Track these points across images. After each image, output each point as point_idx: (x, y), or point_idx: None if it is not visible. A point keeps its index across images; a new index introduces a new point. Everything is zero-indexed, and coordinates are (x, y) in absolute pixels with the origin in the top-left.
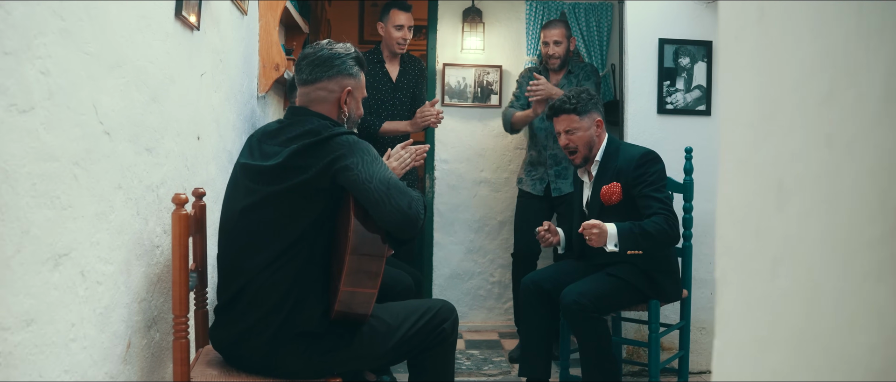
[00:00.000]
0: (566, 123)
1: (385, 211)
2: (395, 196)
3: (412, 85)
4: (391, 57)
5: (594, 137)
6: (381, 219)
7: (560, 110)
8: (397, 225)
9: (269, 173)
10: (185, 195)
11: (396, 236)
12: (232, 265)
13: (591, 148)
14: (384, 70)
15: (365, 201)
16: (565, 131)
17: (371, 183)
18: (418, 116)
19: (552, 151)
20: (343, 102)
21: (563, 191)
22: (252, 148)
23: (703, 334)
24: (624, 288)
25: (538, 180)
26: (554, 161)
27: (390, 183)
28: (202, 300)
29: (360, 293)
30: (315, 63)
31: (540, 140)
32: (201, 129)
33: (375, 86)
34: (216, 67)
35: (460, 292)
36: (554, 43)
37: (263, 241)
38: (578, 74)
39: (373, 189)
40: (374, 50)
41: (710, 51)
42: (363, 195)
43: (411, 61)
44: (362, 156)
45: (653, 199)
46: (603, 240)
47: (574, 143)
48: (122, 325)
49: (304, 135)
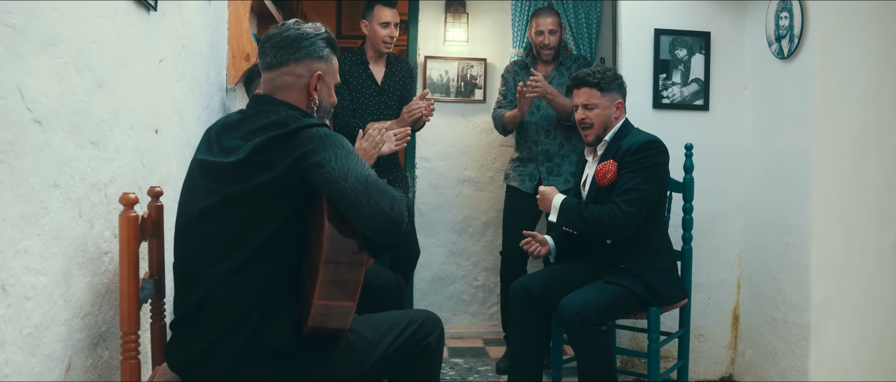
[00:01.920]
0: (586, 96)
1: (363, 213)
2: (374, 196)
3: (400, 87)
4: (376, 57)
5: (612, 118)
6: (358, 222)
7: (583, 82)
8: (377, 229)
9: (229, 171)
10: (134, 195)
11: (376, 242)
12: (189, 275)
13: (606, 128)
14: (368, 72)
15: (340, 201)
16: (583, 105)
17: (346, 181)
18: (405, 112)
19: (544, 146)
20: (313, 89)
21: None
22: (210, 142)
23: (701, 341)
24: (625, 296)
25: (528, 176)
26: (546, 157)
27: (369, 181)
28: (159, 312)
29: (336, 306)
30: (280, 45)
31: (531, 135)
32: (160, 121)
33: (359, 89)
34: (178, 53)
35: (443, 296)
36: (549, 32)
37: (225, 247)
38: (570, 66)
39: (348, 188)
40: (358, 50)
41: (708, 42)
42: (337, 195)
43: (398, 62)
44: (335, 150)
45: (626, 187)
46: (546, 205)
47: (590, 119)
48: (58, 345)
49: (269, 127)
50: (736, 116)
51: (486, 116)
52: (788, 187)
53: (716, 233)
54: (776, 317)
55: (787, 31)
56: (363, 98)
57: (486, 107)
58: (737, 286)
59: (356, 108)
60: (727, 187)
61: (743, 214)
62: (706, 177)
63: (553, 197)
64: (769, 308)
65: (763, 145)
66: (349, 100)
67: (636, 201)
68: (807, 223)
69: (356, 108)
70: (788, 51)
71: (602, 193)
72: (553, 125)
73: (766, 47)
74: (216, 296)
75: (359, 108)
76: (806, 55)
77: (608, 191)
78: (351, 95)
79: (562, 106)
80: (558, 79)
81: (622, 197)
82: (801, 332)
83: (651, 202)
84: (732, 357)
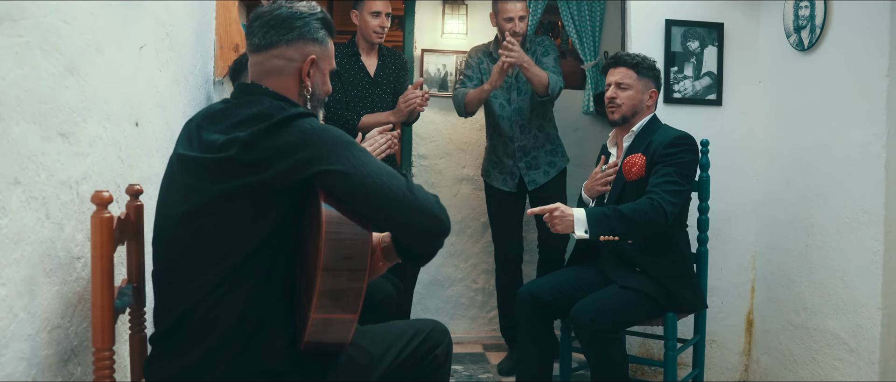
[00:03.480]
0: (621, 75)
1: (409, 216)
2: (419, 192)
3: (393, 80)
4: (368, 48)
5: (643, 105)
6: (401, 228)
7: (620, 61)
8: (426, 233)
9: (213, 169)
10: (108, 194)
11: (418, 249)
12: (171, 284)
13: (635, 113)
14: (360, 64)
15: (374, 208)
16: (616, 83)
17: (381, 178)
18: (401, 102)
19: (521, 142)
20: (305, 75)
21: (538, 182)
22: (190, 135)
23: (714, 347)
24: (642, 302)
25: (508, 175)
26: (523, 152)
27: (407, 179)
28: (139, 323)
29: (336, 319)
30: (271, 24)
31: (504, 131)
32: (141, 113)
33: (351, 81)
34: (161, 41)
35: (440, 300)
36: (519, 18)
37: (210, 254)
38: (535, 49)
39: (386, 186)
40: (349, 42)
41: (722, 34)
42: (372, 202)
43: (391, 55)
44: (348, 150)
45: (663, 179)
46: (567, 226)
47: (621, 99)
48: (21, 364)
49: (253, 119)
50: (750, 110)
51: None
52: (808, 186)
53: (729, 234)
54: (795, 323)
55: (808, 21)
56: (355, 91)
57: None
58: (751, 290)
59: (348, 101)
60: (741, 186)
61: (757, 214)
62: (719, 175)
63: (572, 214)
64: (787, 313)
65: (779, 141)
66: (341, 93)
67: (675, 194)
68: (829, 224)
69: (348, 101)
70: (809, 42)
71: (628, 188)
72: (527, 120)
73: (783, 39)
74: (202, 308)
75: (351, 101)
76: (828, 46)
77: (635, 187)
78: (343, 87)
79: (538, 77)
80: None
81: (660, 188)
82: (824, 338)
83: (686, 199)
84: (746, 364)
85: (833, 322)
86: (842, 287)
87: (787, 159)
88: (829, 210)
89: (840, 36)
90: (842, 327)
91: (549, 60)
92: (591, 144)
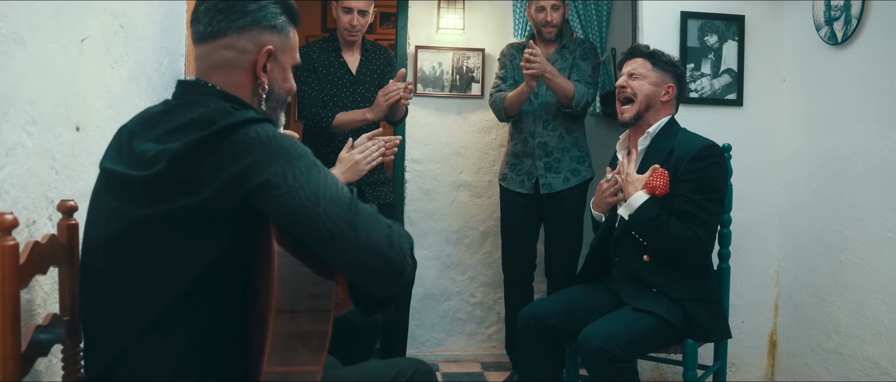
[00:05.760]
0: (636, 65)
1: (348, 251)
2: (363, 225)
3: (377, 77)
4: (350, 44)
5: (658, 100)
6: (341, 264)
7: (635, 51)
8: (371, 273)
9: (140, 188)
10: (11, 216)
11: (369, 291)
12: (96, 326)
13: (648, 108)
14: (341, 60)
15: (308, 235)
16: (629, 73)
17: (317, 205)
18: (381, 96)
19: (541, 138)
20: (260, 69)
21: (553, 188)
22: (121, 144)
23: (733, 371)
24: (658, 327)
25: (525, 175)
26: (544, 151)
27: (353, 204)
28: (73, 364)
29: (296, 372)
30: (219, 8)
31: (526, 126)
32: (83, 116)
33: (331, 79)
34: (114, 34)
35: (436, 315)
36: (552, 7)
37: (140, 291)
38: (575, 50)
39: (321, 216)
40: (330, 37)
41: (742, 27)
42: (304, 227)
43: (376, 50)
44: (289, 160)
45: (693, 209)
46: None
47: (633, 89)
48: None
49: (191, 125)
50: (774, 111)
51: (484, 112)
52: (840, 195)
53: (750, 247)
54: (827, 347)
55: (842, 12)
56: (335, 89)
57: (484, 103)
58: (774, 308)
59: (327, 100)
60: (763, 195)
61: (781, 225)
62: (739, 182)
63: (636, 191)
64: (817, 336)
65: (807, 145)
66: (318, 91)
67: (712, 227)
68: (866, 238)
69: (327, 100)
70: (843, 35)
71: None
72: (552, 115)
73: (812, 32)
74: (132, 355)
75: (330, 100)
76: (866, 40)
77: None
78: (321, 85)
79: (562, 89)
80: (560, 62)
81: (704, 225)
82: (862, 367)
83: None
84: None
85: (873, 349)
86: (883, 310)
87: (816, 165)
88: (866, 223)
89: (880, 28)
90: (884, 355)
91: (587, 66)
92: (597, 147)
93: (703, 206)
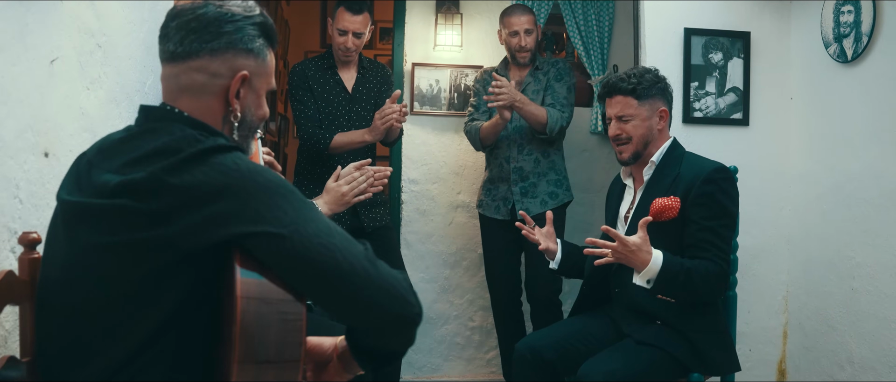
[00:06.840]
0: (620, 106)
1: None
2: (381, 263)
3: (374, 96)
4: (346, 61)
5: (654, 131)
6: (356, 304)
7: (615, 89)
8: (390, 318)
9: (99, 220)
10: None
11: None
12: (53, 373)
13: (646, 144)
14: (336, 78)
15: (317, 280)
16: (617, 117)
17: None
18: (378, 118)
19: (517, 163)
20: (233, 96)
21: (530, 212)
22: (79, 174)
23: None
24: (662, 362)
25: (501, 200)
26: (519, 176)
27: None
28: None
29: None
30: (191, 27)
31: (501, 151)
32: (53, 141)
33: (327, 98)
34: (90, 54)
35: (433, 340)
36: (525, 32)
37: (95, 337)
38: (548, 71)
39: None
40: (326, 54)
41: (748, 44)
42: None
43: (373, 67)
44: (275, 202)
45: (710, 237)
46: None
47: (627, 133)
48: None
49: (156, 155)
50: (782, 132)
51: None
52: (852, 220)
53: (757, 272)
54: (839, 379)
55: (852, 29)
56: (330, 108)
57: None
58: (783, 336)
59: (322, 118)
60: (770, 218)
61: (790, 250)
62: (746, 205)
63: (650, 256)
64: (828, 366)
65: (816, 166)
66: (314, 110)
67: (729, 254)
68: (880, 265)
69: (322, 118)
70: (853, 53)
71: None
72: (527, 139)
73: (820, 49)
74: None
75: (325, 118)
76: (877, 57)
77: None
78: (316, 103)
79: (534, 117)
80: (534, 85)
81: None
82: None
83: None
84: None
85: None
86: None
87: (826, 187)
88: (880, 249)
89: (891, 45)
90: None
91: (561, 87)
92: (599, 166)
93: (719, 233)
